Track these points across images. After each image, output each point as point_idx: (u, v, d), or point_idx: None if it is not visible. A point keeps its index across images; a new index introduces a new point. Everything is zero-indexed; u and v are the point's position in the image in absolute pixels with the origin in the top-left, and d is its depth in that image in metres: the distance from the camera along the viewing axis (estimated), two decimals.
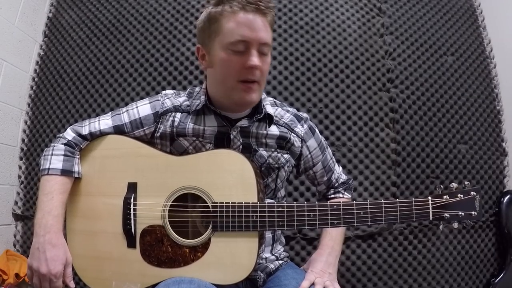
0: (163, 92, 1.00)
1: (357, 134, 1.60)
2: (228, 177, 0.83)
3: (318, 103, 1.62)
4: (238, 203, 0.79)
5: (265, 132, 0.94)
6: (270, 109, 0.96)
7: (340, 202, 0.81)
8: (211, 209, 0.81)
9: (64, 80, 1.79)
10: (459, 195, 0.77)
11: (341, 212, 0.78)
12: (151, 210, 0.84)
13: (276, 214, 0.79)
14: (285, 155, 0.96)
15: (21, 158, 1.76)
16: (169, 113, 0.94)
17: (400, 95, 1.67)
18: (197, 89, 1.00)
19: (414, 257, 1.55)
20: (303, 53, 1.67)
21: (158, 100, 0.96)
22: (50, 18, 1.93)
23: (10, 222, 1.70)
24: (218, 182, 0.83)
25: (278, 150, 0.95)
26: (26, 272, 0.85)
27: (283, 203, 0.83)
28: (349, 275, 1.50)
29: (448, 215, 0.76)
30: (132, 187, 0.87)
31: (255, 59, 0.81)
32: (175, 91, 1.01)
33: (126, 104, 1.67)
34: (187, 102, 0.96)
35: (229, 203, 0.80)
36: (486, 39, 1.93)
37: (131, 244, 0.84)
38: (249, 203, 0.79)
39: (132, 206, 0.85)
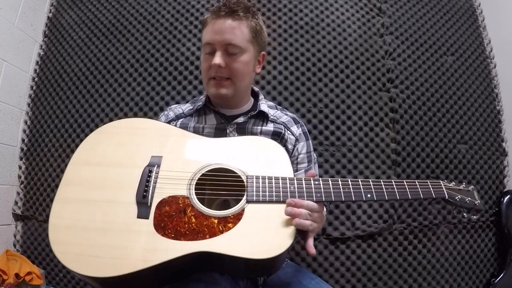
0: (168, 106, 1.13)
1: (357, 134, 1.60)
2: (262, 158, 0.82)
3: (318, 103, 1.62)
4: (274, 176, 0.77)
5: (260, 128, 1.00)
6: (265, 108, 1.04)
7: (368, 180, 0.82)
8: (245, 182, 0.77)
9: (64, 80, 1.79)
10: (461, 186, 0.84)
11: (372, 185, 0.78)
12: (176, 180, 0.79)
13: (313, 186, 0.76)
14: None
15: (21, 158, 1.76)
16: (173, 122, 1.03)
17: (400, 95, 1.67)
18: (203, 95, 1.11)
19: (414, 257, 1.55)
20: (303, 53, 1.67)
21: (164, 113, 1.10)
22: (50, 18, 1.93)
23: (10, 222, 1.70)
24: (252, 162, 0.81)
25: None
26: None
27: (318, 178, 0.80)
28: (349, 275, 1.50)
29: (458, 198, 0.81)
30: (156, 160, 0.82)
31: (216, 59, 0.90)
32: (180, 103, 1.15)
33: (126, 104, 1.69)
34: (190, 107, 1.07)
35: (265, 176, 0.77)
36: (486, 39, 1.94)
37: (143, 214, 0.74)
38: (286, 177, 0.78)
39: (154, 174, 0.79)
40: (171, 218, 0.73)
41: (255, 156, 0.82)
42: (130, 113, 1.67)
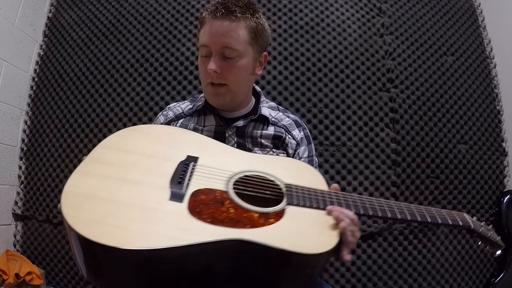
0: (168, 106, 1.08)
1: (357, 134, 1.60)
2: (298, 174, 0.80)
3: (318, 103, 1.62)
4: (312, 187, 0.76)
5: (260, 132, 0.96)
6: (266, 111, 0.99)
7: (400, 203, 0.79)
8: (283, 188, 0.75)
9: (64, 80, 1.79)
10: (482, 223, 0.81)
11: (403, 206, 0.75)
12: (214, 176, 0.74)
13: (350, 199, 0.74)
14: (281, 154, 0.97)
15: (21, 158, 1.76)
16: (173, 122, 0.99)
17: (400, 95, 1.67)
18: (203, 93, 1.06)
19: (414, 257, 1.55)
20: (303, 53, 1.67)
21: (163, 113, 1.05)
22: (50, 18, 1.93)
23: (10, 222, 1.70)
24: (289, 176, 0.78)
25: (274, 149, 0.96)
26: None
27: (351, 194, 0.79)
28: (349, 275, 1.50)
29: (482, 230, 0.78)
30: (192, 158, 0.78)
31: (211, 64, 0.85)
32: (178, 102, 1.08)
33: (126, 104, 1.69)
34: (190, 106, 1.02)
35: (303, 186, 0.75)
36: (486, 39, 1.94)
37: (176, 197, 0.67)
38: (323, 189, 0.76)
39: (190, 167, 0.75)
40: (208, 206, 0.67)
41: (290, 172, 0.80)
42: (130, 113, 1.67)
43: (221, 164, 0.78)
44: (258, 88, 1.07)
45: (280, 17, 1.72)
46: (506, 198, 1.68)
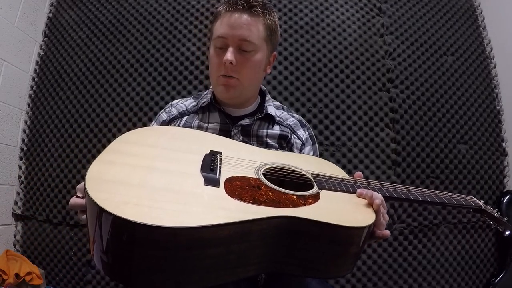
0: (170, 103, 1.07)
1: (357, 134, 1.60)
2: (321, 169, 0.81)
3: (318, 103, 1.62)
4: (338, 176, 0.79)
5: (266, 131, 0.95)
6: (272, 110, 0.99)
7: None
8: (311, 177, 0.76)
9: (64, 80, 1.79)
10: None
11: (420, 190, 0.80)
12: (243, 165, 0.74)
13: (373, 184, 0.78)
14: None
15: (21, 158, 1.76)
16: (177, 119, 0.99)
17: (400, 95, 1.67)
18: (207, 90, 1.06)
19: (414, 257, 1.55)
20: (303, 53, 1.67)
21: (165, 110, 1.04)
22: (50, 18, 1.93)
23: (10, 222, 1.70)
24: (311, 167, 0.81)
25: (279, 149, 0.95)
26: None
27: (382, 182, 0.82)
28: (349, 275, 1.50)
29: (490, 210, 0.84)
30: (217, 152, 0.77)
31: (228, 55, 0.85)
32: (181, 99, 1.07)
33: (126, 104, 1.69)
34: (194, 103, 1.01)
35: (330, 175, 0.78)
36: (486, 39, 1.94)
37: (211, 183, 0.64)
38: (348, 178, 0.80)
39: (218, 156, 0.74)
40: (245, 190, 0.65)
41: (312, 165, 0.82)
42: (130, 113, 1.67)
43: (246, 157, 0.78)
44: (263, 87, 1.07)
45: (280, 17, 1.72)
46: (506, 198, 1.68)
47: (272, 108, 1.00)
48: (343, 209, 0.69)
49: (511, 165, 1.80)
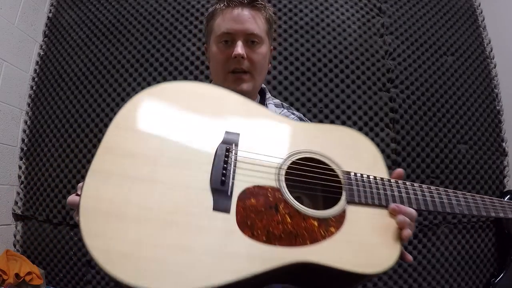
0: None
1: None
2: (353, 152, 0.70)
3: (318, 103, 1.62)
4: (373, 175, 0.67)
5: None
6: (272, 108, 1.00)
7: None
8: (342, 178, 0.66)
9: (64, 80, 1.79)
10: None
11: (461, 197, 0.68)
12: (261, 166, 0.63)
13: (411, 191, 0.67)
14: None
15: (21, 158, 1.76)
16: None
17: (400, 95, 1.67)
18: None
19: (414, 257, 1.55)
20: (303, 53, 1.67)
21: None
22: (50, 18, 1.93)
23: (10, 222, 1.70)
24: (344, 154, 0.69)
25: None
26: None
27: (411, 183, 0.69)
28: None
29: None
30: (232, 137, 0.65)
31: (238, 49, 0.83)
32: None
33: None
34: None
35: (363, 174, 0.66)
36: (486, 39, 1.94)
37: (221, 205, 0.56)
38: (384, 177, 0.67)
39: (233, 154, 0.63)
40: (260, 215, 0.57)
41: (347, 150, 0.70)
42: None
43: (268, 144, 0.67)
44: (263, 85, 1.06)
45: (280, 17, 1.72)
46: (506, 198, 1.68)
47: (272, 106, 1.00)
48: (368, 242, 0.60)
49: (511, 165, 1.80)
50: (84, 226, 0.51)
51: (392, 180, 0.67)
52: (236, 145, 0.65)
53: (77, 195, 0.66)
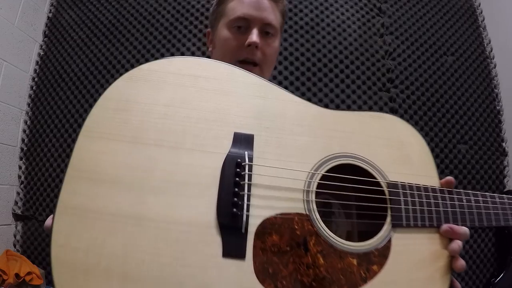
0: None
1: None
2: (398, 149, 0.55)
3: (318, 103, 1.61)
4: (423, 186, 0.53)
5: None
6: None
7: None
8: (387, 193, 0.52)
9: (64, 80, 1.79)
10: None
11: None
12: (284, 176, 0.49)
13: (465, 204, 0.54)
14: None
15: (21, 158, 1.76)
16: None
17: (400, 95, 1.67)
18: None
19: None
20: (303, 53, 1.67)
21: None
22: (50, 18, 1.93)
23: (10, 222, 1.70)
24: (387, 155, 0.54)
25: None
26: None
27: (465, 192, 0.56)
28: None
29: None
30: (244, 141, 0.50)
31: (253, 36, 0.74)
32: None
33: None
34: None
35: (412, 185, 0.52)
36: (486, 39, 1.93)
37: (233, 250, 0.43)
38: (435, 187, 0.54)
39: (246, 173, 0.48)
40: (285, 258, 0.44)
41: (392, 150, 0.55)
42: None
43: (293, 147, 0.51)
44: None
45: None
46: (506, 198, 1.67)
47: None
48: (415, 279, 0.47)
49: (511, 165, 1.80)
50: (58, 282, 0.40)
51: (445, 191, 0.54)
52: (250, 156, 0.49)
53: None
